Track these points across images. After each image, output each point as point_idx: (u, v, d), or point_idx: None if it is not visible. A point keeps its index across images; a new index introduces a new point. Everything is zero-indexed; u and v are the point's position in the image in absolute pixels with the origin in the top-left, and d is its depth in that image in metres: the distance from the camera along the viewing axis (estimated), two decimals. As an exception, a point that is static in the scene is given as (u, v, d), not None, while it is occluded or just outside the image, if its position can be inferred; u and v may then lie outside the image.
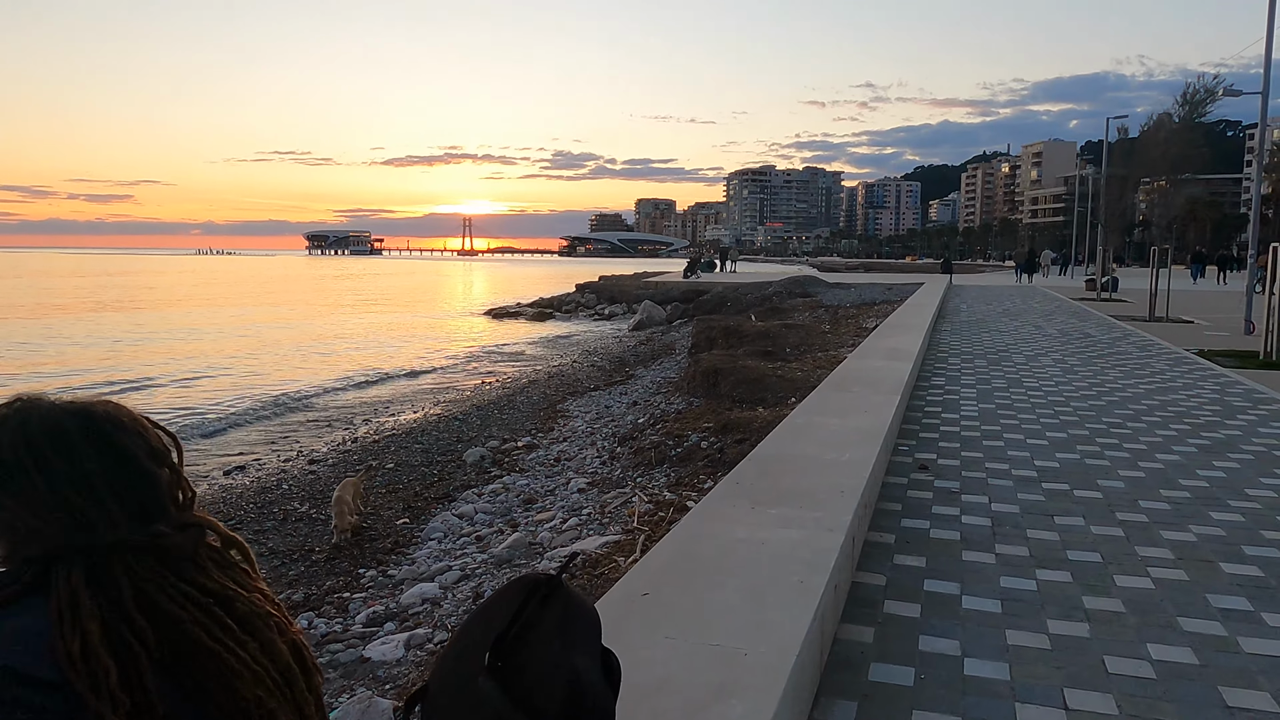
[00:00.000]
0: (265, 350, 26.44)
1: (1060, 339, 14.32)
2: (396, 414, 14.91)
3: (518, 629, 1.08)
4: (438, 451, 10.94)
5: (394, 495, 8.96)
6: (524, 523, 7.50)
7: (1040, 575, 4.03)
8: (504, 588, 1.20)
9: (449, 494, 8.89)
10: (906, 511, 4.96)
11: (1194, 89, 18.13)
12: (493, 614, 1.16)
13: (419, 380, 19.88)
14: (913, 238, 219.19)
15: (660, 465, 8.32)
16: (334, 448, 12.01)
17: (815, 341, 15.91)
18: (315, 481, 9.68)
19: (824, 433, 5.10)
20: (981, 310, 20.90)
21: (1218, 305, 24.52)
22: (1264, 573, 4.06)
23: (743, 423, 8.40)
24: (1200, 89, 18.09)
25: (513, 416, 13.19)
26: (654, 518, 6.56)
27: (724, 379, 11.06)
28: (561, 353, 23.46)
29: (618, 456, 9.35)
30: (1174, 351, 12.62)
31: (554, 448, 10.72)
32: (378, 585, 6.45)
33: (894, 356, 8.75)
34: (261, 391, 18.04)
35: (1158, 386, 9.44)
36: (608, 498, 7.63)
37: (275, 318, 40.07)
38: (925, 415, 7.75)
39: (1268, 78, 14.92)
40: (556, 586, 1.16)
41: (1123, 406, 8.26)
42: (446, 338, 30.37)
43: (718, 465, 7.73)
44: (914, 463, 6.04)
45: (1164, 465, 6.04)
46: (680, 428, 9.36)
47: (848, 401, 6.16)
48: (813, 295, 29.51)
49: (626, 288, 41.59)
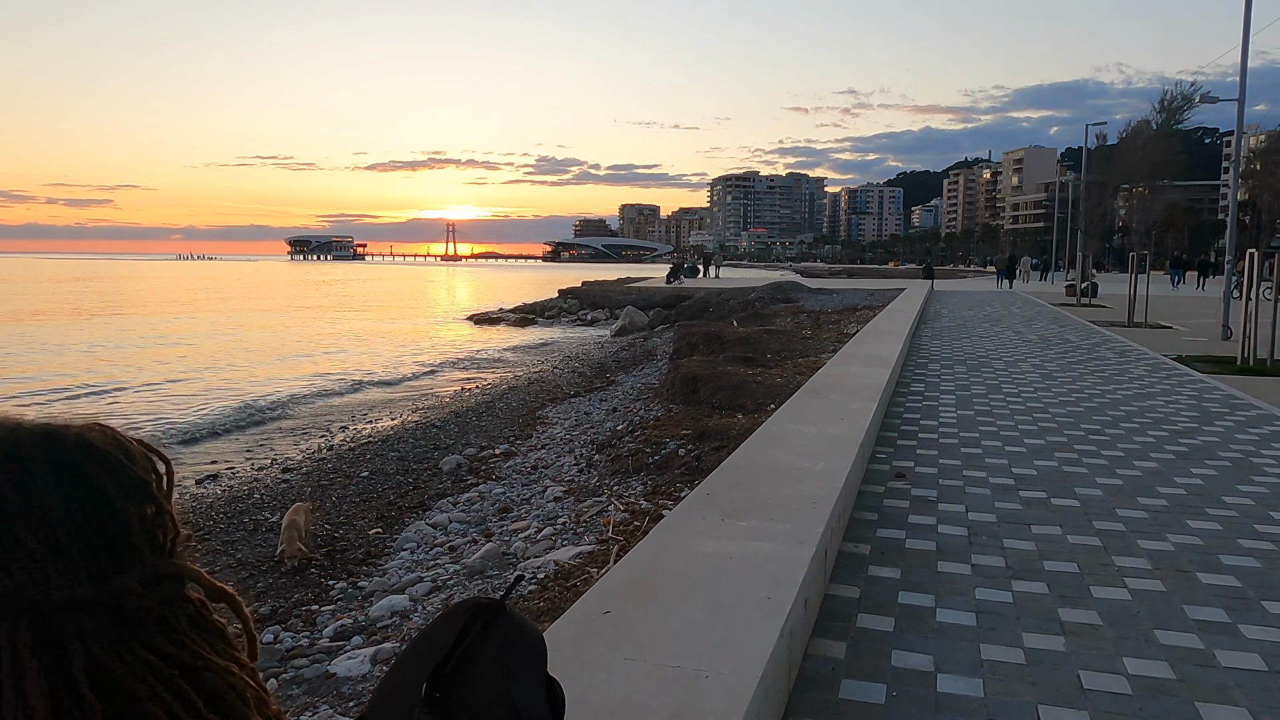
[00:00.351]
0: (243, 356, 26.17)
1: (1040, 345, 14.34)
2: (374, 420, 14.75)
3: (457, 658, 1.02)
4: (414, 459, 10.80)
5: (367, 504, 8.82)
6: (498, 532, 7.39)
7: (1016, 587, 3.97)
8: (445, 613, 1.15)
9: (424, 503, 8.75)
10: (882, 521, 4.89)
11: (1172, 96, 18.29)
12: (432, 642, 1.12)
13: (399, 387, 19.71)
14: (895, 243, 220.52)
15: (638, 473, 8.23)
16: (309, 455, 11.84)
17: (796, 347, 15.87)
18: (288, 490, 9.52)
19: (799, 441, 5.02)
20: (962, 315, 20.94)
21: (1196, 311, 24.69)
22: (1241, 583, 4.01)
23: (720, 430, 8.32)
24: (1178, 96, 18.24)
25: (491, 423, 13.06)
26: (629, 527, 6.47)
27: (703, 385, 10.98)
28: (543, 358, 23.34)
29: (595, 464, 9.25)
30: (1152, 357, 12.65)
31: (532, 455, 10.61)
32: (347, 598, 6.32)
33: (873, 363, 8.70)
34: (238, 398, 17.82)
35: (1136, 392, 9.44)
36: (584, 506, 7.53)
37: (254, 324, 39.72)
38: (904, 422, 7.70)
39: (1243, 85, 15.02)
40: (499, 612, 1.12)
41: (1101, 413, 8.23)
42: (428, 343, 30.17)
43: (695, 473, 7.65)
44: (891, 471, 5.97)
45: (1142, 472, 6.00)
46: (658, 435, 9.27)
47: (825, 409, 6.09)
48: (795, 301, 29.53)
49: (609, 293, 41.52)
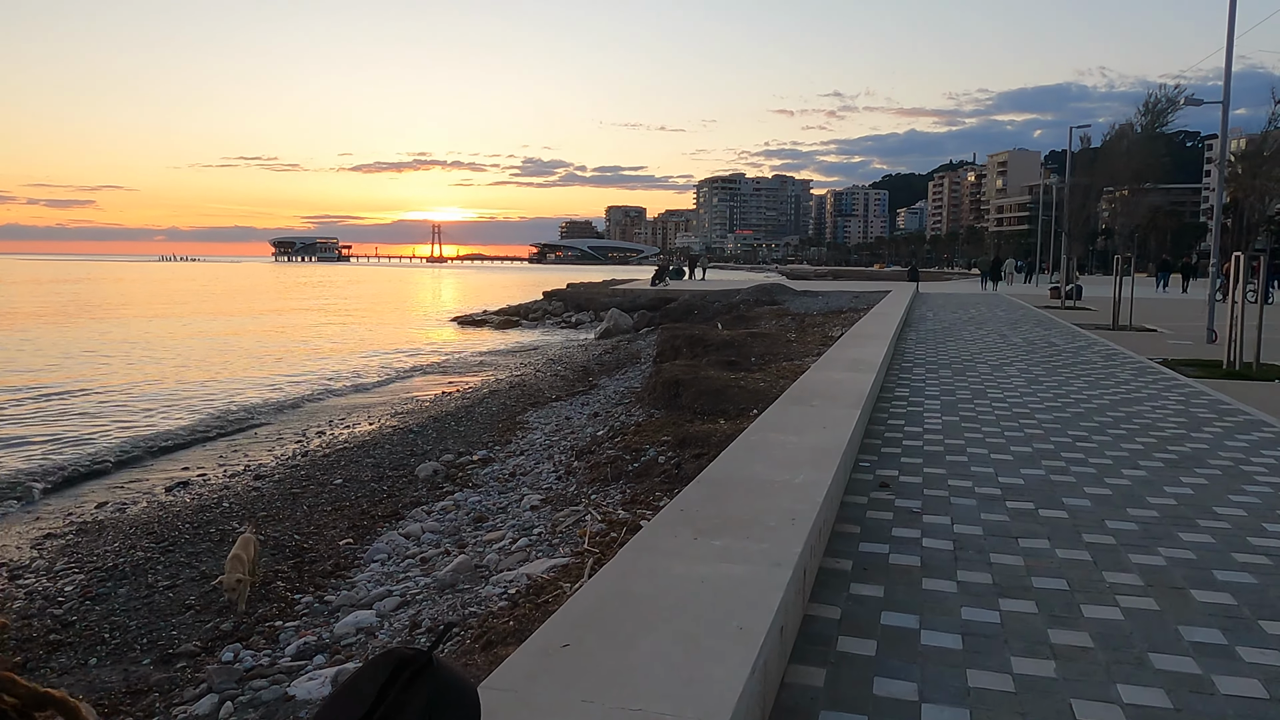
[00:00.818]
0: (220, 361, 25.81)
1: (1025, 348, 14.23)
2: (352, 426, 14.50)
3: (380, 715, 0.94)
4: (389, 466, 10.57)
5: (339, 513, 8.59)
6: (472, 543, 7.18)
7: (1004, 605, 3.80)
8: (369, 663, 1.03)
9: (397, 511, 8.54)
10: (865, 534, 4.72)
11: (1156, 98, 18.27)
12: (354, 695, 0.99)
13: (379, 391, 19.44)
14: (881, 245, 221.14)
15: (616, 481, 8.03)
16: (283, 462, 11.59)
17: (780, 350, 15.72)
18: (258, 499, 9.27)
19: (779, 451, 4.84)
20: (947, 318, 20.86)
21: (1180, 313, 24.70)
22: (1236, 600, 3.85)
23: (701, 436, 8.13)
24: (1162, 98, 18.22)
25: (470, 428, 12.84)
26: (605, 538, 6.27)
27: (685, 390, 10.80)
28: (525, 362, 23.11)
29: (574, 471, 9.06)
30: (1138, 361, 12.55)
31: (510, 461, 10.40)
32: (313, 613, 6.10)
33: (856, 368, 8.54)
34: (214, 403, 17.52)
35: (1122, 397, 9.32)
36: (560, 516, 7.33)
37: (232, 328, 39.28)
38: (888, 429, 7.53)
39: (1228, 87, 14.98)
40: (426, 665, 0.99)
41: (1088, 419, 8.10)
42: (410, 346, 29.88)
43: (674, 481, 7.46)
44: (875, 480, 5.80)
45: (1131, 482, 5.86)
46: (638, 441, 9.09)
47: (806, 416, 5.92)
48: (780, 303, 29.41)
49: (594, 295, 41.32)
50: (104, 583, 6.84)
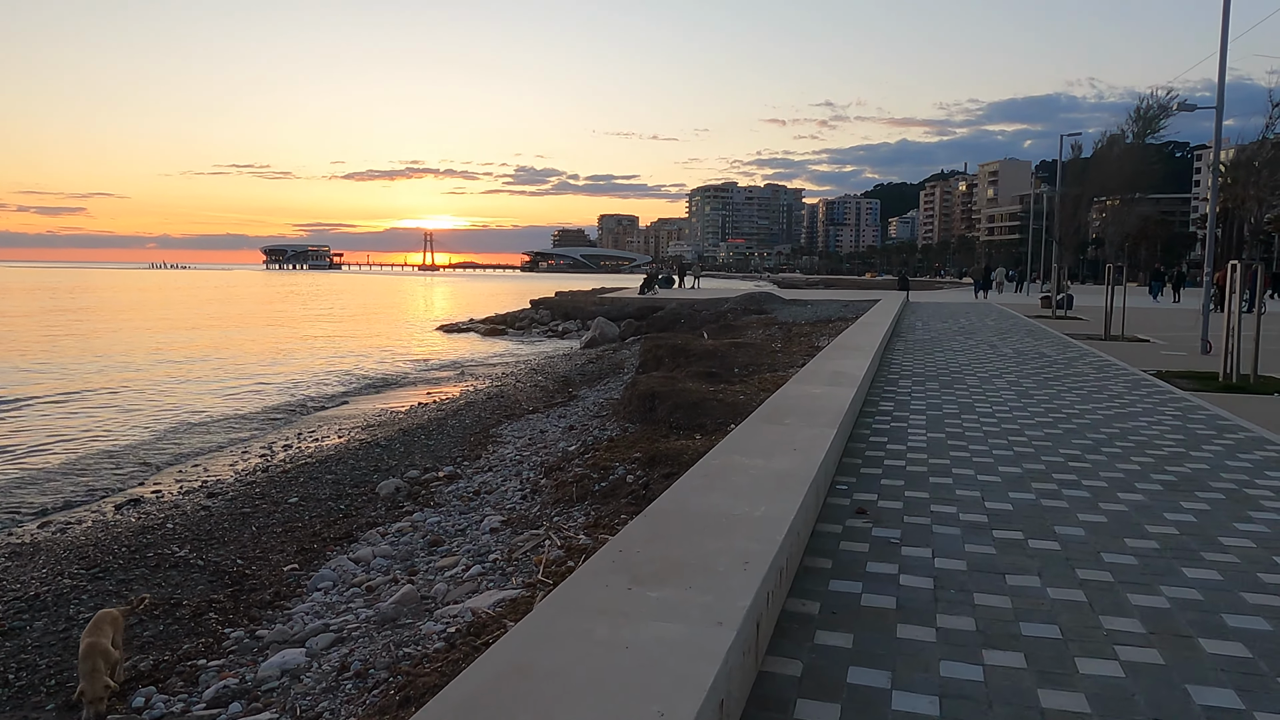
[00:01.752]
0: (197, 370, 25.25)
1: (1015, 359, 13.82)
2: (321, 439, 13.99)
3: None
4: (350, 482, 10.08)
5: (289, 535, 8.10)
6: (424, 569, 6.70)
7: (988, 658, 3.34)
8: None
9: (351, 533, 8.05)
10: (837, 570, 4.26)
11: (1148, 105, 17.95)
12: None
13: (354, 401, 18.93)
14: (873, 254, 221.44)
15: (581, 501, 7.57)
16: (241, 478, 11.08)
17: (764, 361, 15.29)
18: (205, 519, 8.76)
19: (741, 478, 4.38)
20: (937, 328, 20.46)
21: (1173, 323, 24.37)
22: (1251, 651, 3.40)
23: (672, 454, 7.68)
24: (1154, 105, 17.91)
25: (441, 442, 12.35)
26: (562, 567, 5.81)
27: (661, 403, 10.35)
28: (507, 372, 22.63)
29: (540, 489, 8.59)
30: (1131, 373, 12.14)
31: (477, 478, 9.92)
32: (241, 649, 5.61)
33: (836, 381, 8.09)
34: (184, 414, 17.00)
35: (1116, 412, 8.89)
36: (519, 540, 6.86)
37: (215, 339, 38.69)
38: (869, 446, 7.09)
39: (1221, 92, 14.64)
40: None
41: (1080, 435, 7.66)
42: (393, 355, 29.36)
43: (641, 502, 7.00)
44: (851, 506, 5.35)
45: (1128, 507, 5.41)
46: (609, 458, 8.62)
47: (777, 437, 5.46)
48: (768, 312, 29.02)
49: (581, 304, 40.88)
50: (20, 615, 6.34)
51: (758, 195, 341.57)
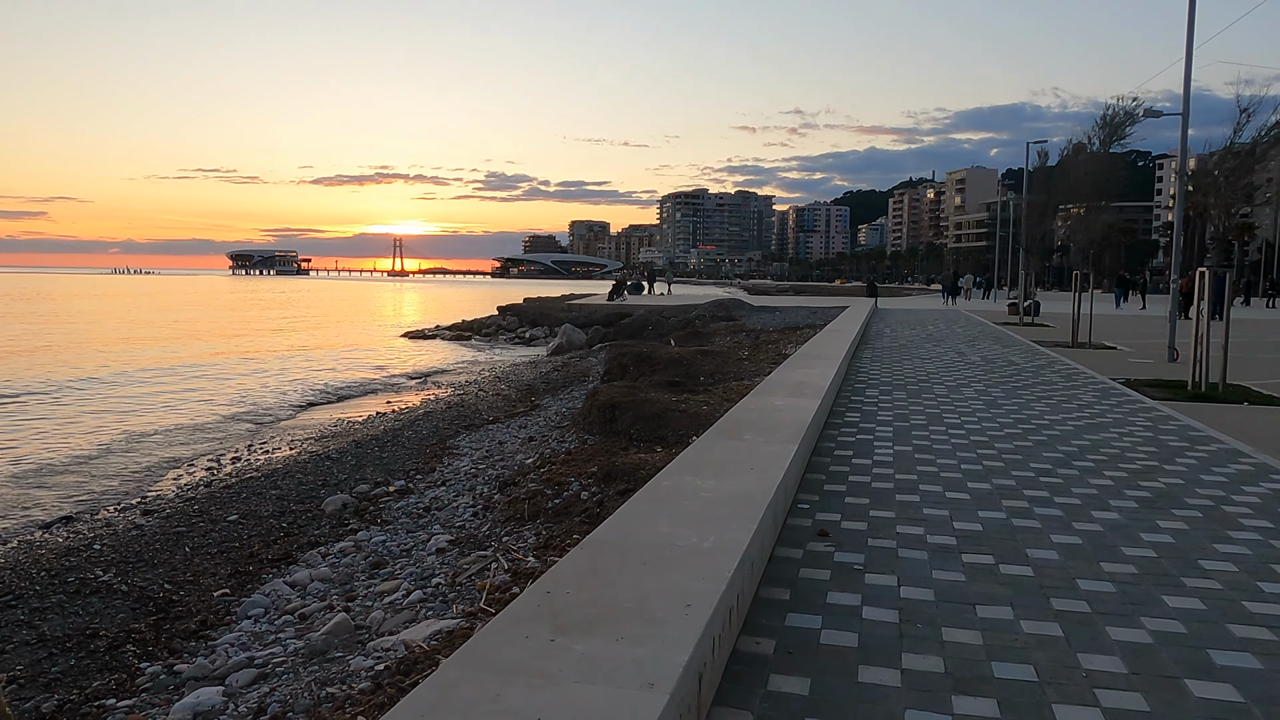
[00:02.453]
0: (148, 380, 24.52)
1: (984, 367, 13.63)
2: (272, 451, 13.48)
3: None
4: (295, 498, 9.62)
5: (224, 556, 7.64)
6: (363, 594, 6.29)
7: (959, 706, 3.02)
8: None
9: (290, 554, 7.61)
10: (796, 602, 3.93)
11: (1114, 111, 17.91)
12: None
13: (310, 412, 18.39)
14: (842, 261, 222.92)
15: (534, 520, 7.19)
16: (181, 493, 10.57)
17: (731, 369, 15.00)
18: (136, 539, 8.27)
19: (691, 502, 4.04)
20: (905, 335, 20.31)
21: (1139, 330, 24.44)
22: (1243, 695, 3.11)
23: (629, 469, 7.32)
24: (1120, 111, 17.87)
25: (394, 454, 11.91)
26: (507, 594, 5.43)
27: (622, 414, 9.99)
28: (470, 379, 22.17)
29: (493, 506, 8.20)
30: (1100, 381, 11.98)
31: (429, 493, 9.50)
32: (156, 687, 5.17)
33: (800, 392, 7.78)
34: (131, 426, 16.38)
35: (1087, 423, 8.67)
36: (466, 562, 6.48)
37: (169, 347, 37.80)
38: (834, 461, 6.78)
39: (1187, 98, 14.58)
40: None
41: (1051, 448, 7.42)
42: (355, 363, 28.75)
43: (595, 521, 6.63)
44: (813, 527, 5.03)
45: (1103, 527, 5.14)
46: (565, 473, 8.25)
47: (733, 454, 5.13)
48: (736, 319, 28.78)
49: (549, 310, 40.46)
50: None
51: (729, 202, 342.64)
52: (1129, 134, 18.46)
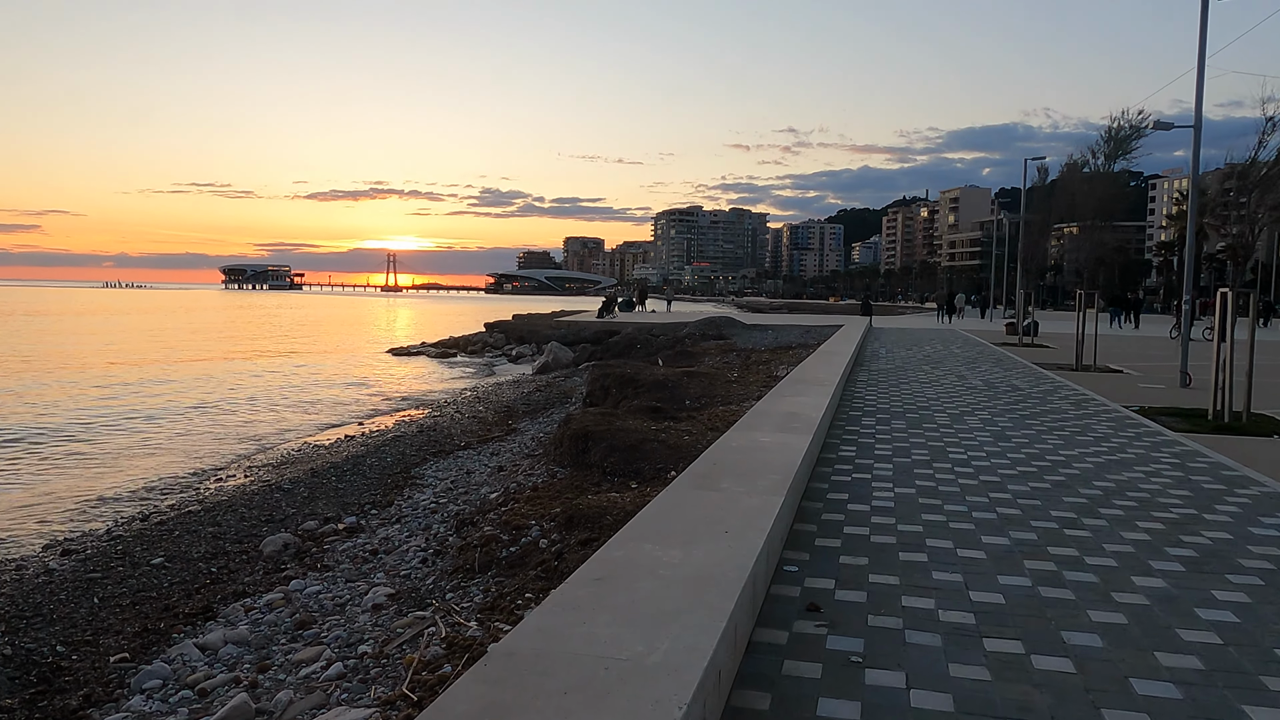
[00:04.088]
0: (109, 400, 23.56)
1: (987, 392, 12.81)
2: (224, 479, 12.57)
3: None
4: (233, 537, 8.72)
5: (136, 610, 6.74)
6: (278, 664, 5.40)
7: None
8: None
9: (211, 606, 6.71)
10: (776, 715, 3.06)
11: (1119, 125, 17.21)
12: None
13: (277, 434, 17.45)
14: (836, 279, 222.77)
15: (485, 571, 6.32)
16: (111, 529, 9.65)
17: (718, 393, 14.15)
18: (41, 588, 7.35)
19: (646, 584, 3.18)
20: (901, 356, 19.49)
21: (1142, 352, 23.68)
22: None
23: (594, 513, 6.45)
24: (1125, 125, 17.17)
25: (353, 485, 11.01)
26: (437, 673, 4.56)
27: (595, 445, 9.12)
28: (449, 399, 21.27)
29: (446, 550, 7.32)
30: (1113, 409, 11.16)
31: (380, 532, 8.62)
32: (6, 789, 4.27)
33: (790, 426, 6.93)
34: (76, 451, 15.42)
35: (1107, 460, 7.83)
36: (401, 625, 5.59)
37: (141, 366, 36.82)
38: (826, 507, 5.92)
39: (1199, 110, 13.86)
40: None
41: (1071, 491, 6.57)
42: (334, 381, 27.82)
43: (551, 576, 5.77)
44: (800, 599, 4.17)
45: (1149, 599, 4.29)
46: (526, 513, 7.38)
47: (707, 510, 4.27)
48: (727, 338, 27.96)
49: (537, 327, 39.61)
50: None
51: (723, 219, 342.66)
52: (1134, 148, 17.71)
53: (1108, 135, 17.19)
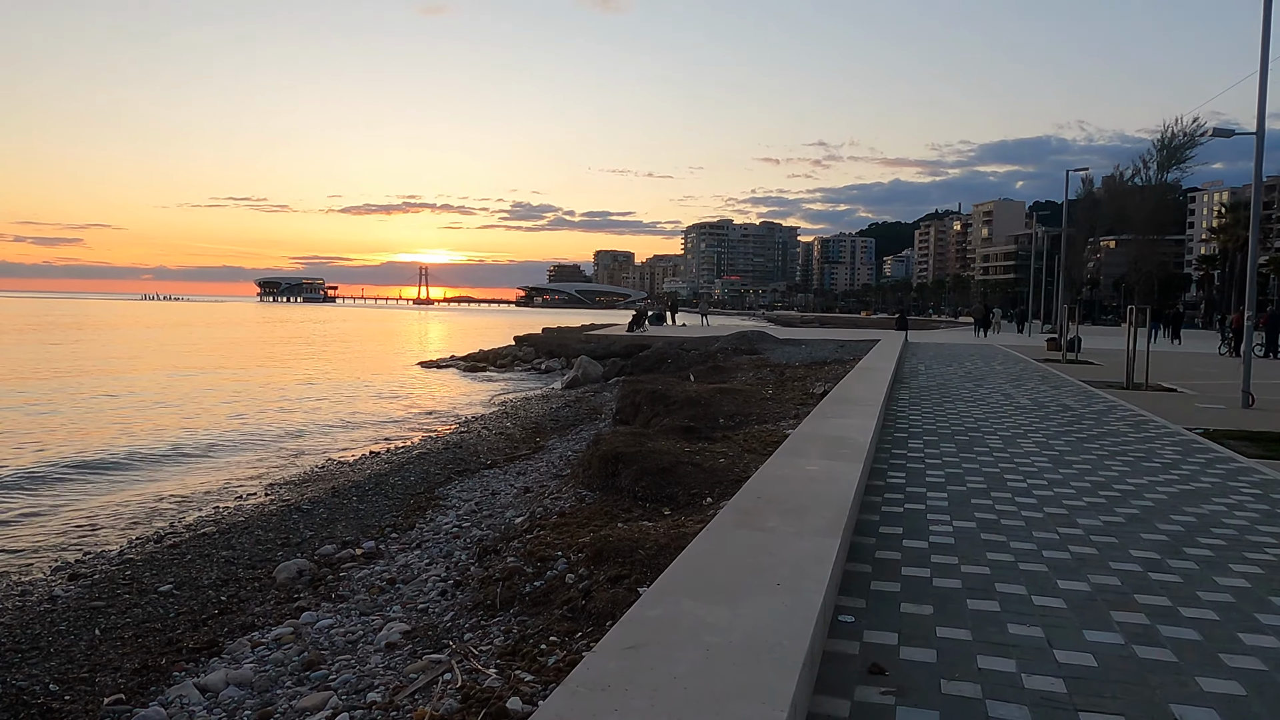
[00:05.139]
0: (142, 407, 23.48)
1: (1036, 412, 12.17)
2: (244, 497, 12.24)
3: None
4: (247, 561, 8.34)
5: (138, 643, 6.35)
6: (282, 709, 4.97)
7: None
8: None
9: (216, 640, 6.31)
10: (844, 814, 2.56)
11: (1173, 133, 16.48)
12: None
13: (298, 451, 17.13)
14: (868, 293, 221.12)
15: (506, 608, 5.85)
16: (125, 550, 9.31)
17: (753, 411, 13.63)
18: (43, 616, 6.98)
19: (688, 654, 2.69)
20: (941, 373, 18.84)
21: (1190, 369, 22.81)
22: None
23: (625, 546, 5.96)
24: (1179, 133, 16.44)
25: (374, 506, 10.62)
26: (450, 731, 4.09)
27: (625, 469, 8.65)
28: (476, 415, 20.91)
29: (467, 581, 6.88)
30: (1174, 431, 10.50)
31: (400, 558, 8.19)
32: None
33: (837, 452, 6.41)
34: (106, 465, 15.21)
35: (1180, 489, 7.22)
36: (414, 669, 5.14)
37: (169, 379, 36.93)
38: (880, 543, 5.40)
39: (1262, 116, 13.16)
40: None
41: (1148, 526, 5.99)
42: (362, 395, 27.60)
43: (580, 618, 5.30)
44: (860, 659, 3.66)
45: (1264, 663, 3.72)
46: (553, 542, 6.91)
47: (753, 554, 3.77)
48: (760, 353, 27.39)
49: (567, 341, 39.26)
50: None
51: (753, 233, 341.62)
52: (1189, 158, 16.95)
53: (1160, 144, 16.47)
